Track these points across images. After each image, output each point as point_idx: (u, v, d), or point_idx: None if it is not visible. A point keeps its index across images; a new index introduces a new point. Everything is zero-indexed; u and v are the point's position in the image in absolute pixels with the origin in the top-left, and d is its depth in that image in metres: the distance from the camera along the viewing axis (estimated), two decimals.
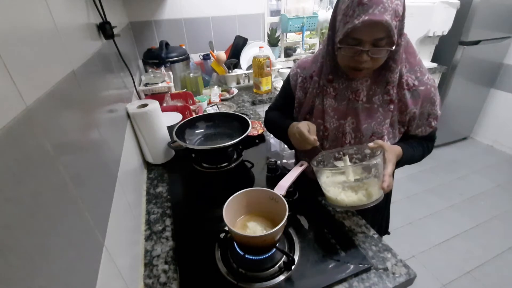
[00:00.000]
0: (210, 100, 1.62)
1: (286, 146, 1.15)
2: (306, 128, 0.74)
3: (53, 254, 0.30)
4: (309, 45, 2.44)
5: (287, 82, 0.91)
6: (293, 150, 1.05)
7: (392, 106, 0.73)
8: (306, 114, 0.85)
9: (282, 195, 0.64)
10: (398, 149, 0.72)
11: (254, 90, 1.80)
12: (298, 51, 2.42)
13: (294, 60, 2.31)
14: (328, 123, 0.80)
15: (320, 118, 0.81)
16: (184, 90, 1.58)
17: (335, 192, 0.66)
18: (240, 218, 0.67)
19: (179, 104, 1.32)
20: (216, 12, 1.91)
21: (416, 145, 0.79)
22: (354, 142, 0.78)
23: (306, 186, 0.89)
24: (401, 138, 0.80)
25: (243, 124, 0.99)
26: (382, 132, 0.75)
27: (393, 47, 0.63)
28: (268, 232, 0.56)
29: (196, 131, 1.08)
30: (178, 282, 0.62)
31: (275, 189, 0.70)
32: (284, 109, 0.93)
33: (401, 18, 0.62)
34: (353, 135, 0.78)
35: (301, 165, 0.80)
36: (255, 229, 0.64)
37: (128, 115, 0.94)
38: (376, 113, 0.75)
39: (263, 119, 1.05)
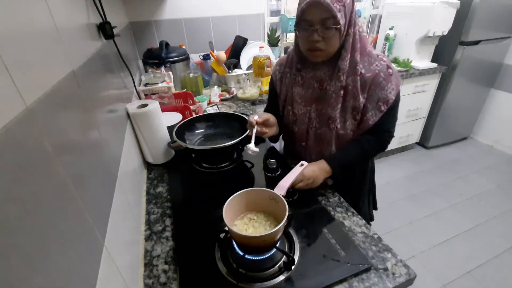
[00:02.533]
0: (210, 100, 1.62)
1: (283, 145, 1.16)
2: (258, 116, 0.84)
3: (53, 254, 0.30)
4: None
5: (271, 81, 1.02)
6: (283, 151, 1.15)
7: (342, 92, 0.81)
8: (284, 102, 0.96)
9: (282, 195, 0.64)
10: (321, 165, 0.85)
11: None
12: None
13: None
14: (296, 109, 0.92)
15: (290, 105, 0.93)
16: (184, 90, 1.58)
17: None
18: (240, 218, 0.67)
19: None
20: (216, 12, 1.91)
21: (352, 146, 0.87)
22: (319, 126, 0.88)
23: None
24: (358, 131, 0.86)
25: (243, 124, 0.99)
26: (335, 116, 0.84)
27: (339, 26, 0.71)
28: (267, 233, 0.56)
29: (196, 131, 1.08)
30: (178, 282, 0.62)
31: (275, 189, 0.70)
32: (273, 107, 1.02)
33: (344, 5, 0.71)
34: (318, 119, 0.88)
35: (301, 165, 0.81)
36: (254, 229, 0.64)
37: (128, 115, 0.94)
38: (330, 99, 0.83)
39: None
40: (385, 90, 0.79)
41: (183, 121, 1.04)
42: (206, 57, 1.90)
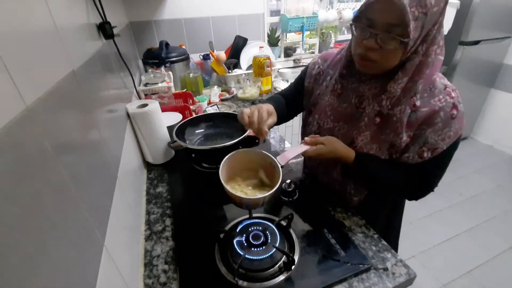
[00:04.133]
0: (210, 100, 1.62)
1: (285, 146, 1.16)
2: (254, 111, 0.70)
3: (53, 254, 0.30)
4: (309, 45, 2.44)
5: (304, 70, 0.87)
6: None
7: (378, 120, 0.66)
8: (312, 106, 0.82)
9: (281, 166, 0.65)
10: (349, 152, 0.67)
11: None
12: (298, 51, 2.42)
13: (294, 60, 2.31)
14: (322, 121, 0.77)
15: (318, 114, 0.79)
16: (184, 90, 1.58)
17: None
18: (236, 177, 0.70)
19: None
20: (216, 12, 1.91)
21: (392, 167, 0.68)
22: None
23: (306, 186, 0.89)
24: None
25: (243, 124, 0.99)
26: (357, 143, 0.68)
27: (407, 40, 0.53)
28: (257, 197, 0.60)
29: (196, 131, 1.08)
30: (178, 282, 0.62)
31: (278, 157, 0.68)
32: (289, 95, 0.91)
33: (426, 13, 0.52)
34: (341, 139, 0.71)
35: (306, 143, 0.75)
36: (247, 189, 0.68)
37: (128, 115, 0.94)
38: (362, 123, 0.68)
39: None
40: (437, 135, 0.61)
41: (183, 121, 1.04)
42: (206, 57, 1.90)
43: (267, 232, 0.64)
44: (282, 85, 1.88)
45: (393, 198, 0.83)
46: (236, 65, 1.88)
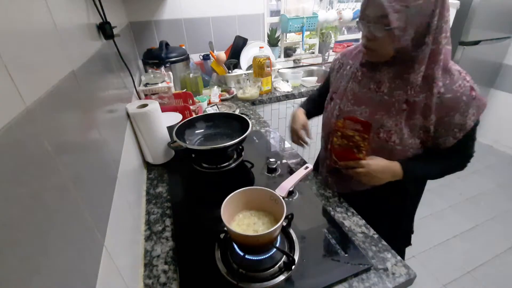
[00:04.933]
0: (210, 100, 1.62)
1: (285, 146, 1.16)
2: (300, 126, 0.94)
3: (53, 254, 0.30)
4: (309, 45, 2.44)
5: (329, 68, 1.00)
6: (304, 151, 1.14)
7: (405, 106, 0.72)
8: (333, 94, 0.91)
9: (283, 197, 0.64)
10: (393, 166, 0.75)
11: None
12: (298, 51, 2.42)
13: (294, 60, 2.31)
14: (343, 105, 0.84)
15: (339, 99, 0.86)
16: (184, 90, 1.58)
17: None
18: (239, 216, 0.67)
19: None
20: (216, 12, 1.91)
21: (432, 159, 0.77)
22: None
23: (307, 186, 0.89)
24: (427, 148, 0.77)
25: (243, 124, 0.99)
26: (390, 127, 0.74)
27: (390, 28, 0.63)
28: (263, 233, 0.56)
29: (196, 131, 1.08)
30: (178, 282, 0.62)
31: (276, 190, 0.70)
32: (322, 90, 1.04)
33: (408, 6, 0.61)
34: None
35: (306, 168, 0.81)
36: (252, 227, 0.64)
37: (128, 115, 0.94)
38: (391, 108, 0.74)
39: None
40: (464, 116, 0.69)
41: (183, 121, 1.04)
42: (206, 57, 1.90)
43: None
44: (282, 85, 1.88)
45: (399, 197, 0.89)
46: (236, 65, 1.88)
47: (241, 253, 0.62)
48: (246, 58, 1.91)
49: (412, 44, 0.67)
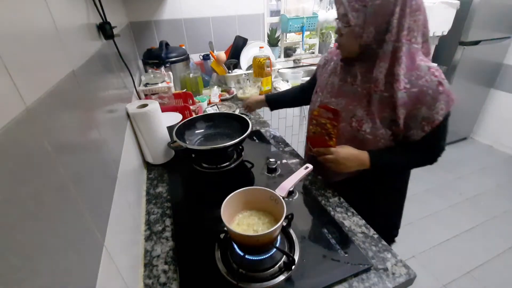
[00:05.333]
0: (210, 100, 1.62)
1: (286, 146, 1.16)
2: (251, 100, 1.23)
3: (53, 254, 0.30)
4: (309, 45, 2.44)
5: (317, 65, 1.06)
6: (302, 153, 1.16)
7: (372, 98, 0.77)
8: (318, 88, 0.97)
9: (283, 197, 0.64)
10: (361, 155, 0.79)
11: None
12: (298, 51, 2.42)
13: (294, 60, 2.31)
14: (323, 97, 0.91)
15: (321, 92, 0.93)
16: (184, 90, 1.58)
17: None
18: (239, 216, 0.67)
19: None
20: (216, 12, 1.91)
21: (400, 149, 0.81)
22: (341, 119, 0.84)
23: (306, 186, 0.89)
24: (398, 141, 0.80)
25: (243, 124, 0.99)
26: (361, 116, 0.80)
27: (348, 25, 0.71)
28: (262, 233, 0.56)
29: (196, 131, 1.08)
30: (178, 282, 0.62)
31: (276, 190, 0.70)
32: (307, 84, 1.13)
33: (365, 5, 0.67)
34: (345, 113, 0.84)
35: (306, 168, 0.81)
36: (252, 227, 0.64)
37: (128, 115, 0.94)
38: (362, 99, 0.80)
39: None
40: (431, 110, 0.71)
41: (183, 121, 1.04)
42: (206, 57, 1.90)
43: None
44: (282, 85, 1.88)
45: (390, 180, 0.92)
46: (236, 65, 1.88)
47: (241, 253, 0.62)
48: (246, 58, 1.91)
49: (375, 42, 0.72)
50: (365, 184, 0.89)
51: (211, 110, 1.42)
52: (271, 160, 0.97)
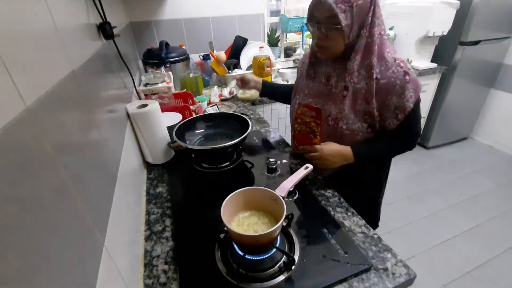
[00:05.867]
0: (210, 100, 1.62)
1: (286, 146, 1.16)
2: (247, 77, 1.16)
3: (53, 254, 0.30)
4: (309, 45, 2.44)
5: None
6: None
7: (345, 92, 0.81)
8: (294, 91, 1.03)
9: (283, 197, 0.64)
10: (344, 150, 0.84)
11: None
12: (298, 51, 2.42)
13: (294, 60, 2.31)
14: (301, 99, 0.96)
15: (298, 95, 0.98)
16: (184, 90, 1.58)
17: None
18: (239, 216, 0.67)
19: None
20: (216, 12, 1.91)
21: (379, 140, 0.86)
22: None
23: (307, 186, 0.89)
24: (376, 132, 0.85)
25: (243, 124, 0.99)
26: (336, 115, 0.85)
27: (340, 26, 0.72)
28: (263, 233, 0.56)
29: (196, 131, 1.08)
30: (178, 282, 0.62)
31: (276, 190, 0.70)
32: (291, 88, 1.14)
33: (352, 6, 0.70)
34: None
35: (305, 168, 0.81)
36: (253, 227, 0.64)
37: (128, 115, 0.94)
38: (336, 98, 0.84)
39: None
40: (401, 98, 0.77)
41: (183, 121, 1.04)
42: (206, 57, 1.90)
43: None
44: None
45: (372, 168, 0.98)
46: (236, 65, 1.88)
47: (241, 253, 0.62)
48: (246, 58, 1.91)
49: (355, 38, 0.77)
50: (348, 177, 0.93)
51: (211, 110, 1.42)
52: (271, 160, 0.97)
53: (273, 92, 1.25)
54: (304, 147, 0.88)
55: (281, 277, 0.59)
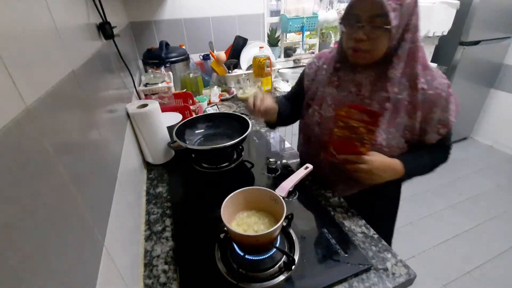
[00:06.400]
0: (210, 100, 1.62)
1: (285, 146, 1.16)
2: (257, 97, 0.81)
3: (53, 254, 0.30)
4: (309, 45, 2.44)
5: (302, 72, 0.95)
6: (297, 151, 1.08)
7: (387, 104, 0.71)
8: (310, 100, 0.88)
9: (283, 197, 0.64)
10: (394, 164, 0.73)
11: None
12: (298, 51, 2.42)
13: (294, 60, 2.31)
14: (323, 111, 0.82)
15: (318, 105, 0.84)
16: (184, 90, 1.58)
17: None
18: (239, 216, 0.67)
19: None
20: (216, 12, 1.91)
21: (422, 155, 0.77)
22: None
23: (307, 186, 0.89)
24: (410, 145, 0.76)
25: (243, 124, 0.99)
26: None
27: (389, 27, 0.62)
28: (262, 233, 0.56)
29: (196, 131, 1.08)
30: (178, 282, 0.62)
31: (276, 190, 0.70)
32: (292, 97, 0.99)
33: (402, 4, 0.62)
34: None
35: (305, 168, 0.81)
36: (253, 227, 0.64)
37: (128, 115, 0.94)
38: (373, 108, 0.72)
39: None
40: (446, 112, 0.70)
41: (183, 121, 1.04)
42: (206, 57, 1.90)
43: None
44: (282, 85, 1.88)
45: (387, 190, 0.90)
46: (236, 65, 1.88)
47: (241, 253, 0.62)
48: (246, 58, 1.91)
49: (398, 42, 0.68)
50: (365, 196, 0.85)
51: (211, 110, 1.42)
52: (271, 160, 0.97)
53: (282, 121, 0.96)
54: (347, 157, 0.71)
55: (281, 277, 0.59)
